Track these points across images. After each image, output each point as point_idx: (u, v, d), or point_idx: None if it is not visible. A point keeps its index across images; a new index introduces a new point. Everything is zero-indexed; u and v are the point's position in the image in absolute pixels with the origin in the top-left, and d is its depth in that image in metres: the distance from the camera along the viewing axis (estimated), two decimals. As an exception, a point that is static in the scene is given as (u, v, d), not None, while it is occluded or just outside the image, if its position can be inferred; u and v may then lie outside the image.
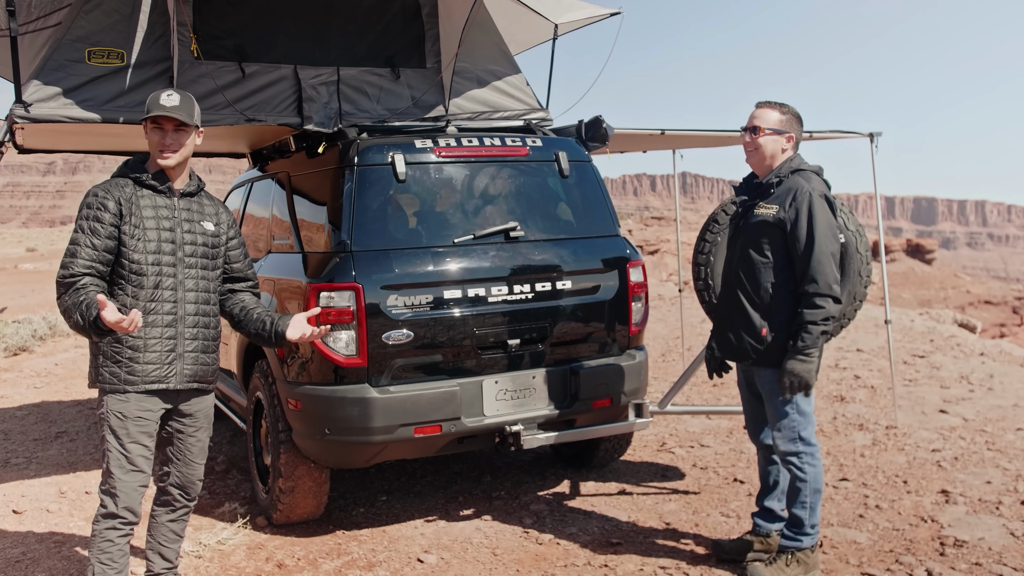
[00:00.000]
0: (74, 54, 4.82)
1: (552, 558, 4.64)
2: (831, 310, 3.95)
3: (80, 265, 3.45)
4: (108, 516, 3.59)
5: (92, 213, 3.51)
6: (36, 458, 6.80)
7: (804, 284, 3.98)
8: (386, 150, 4.89)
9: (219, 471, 6.30)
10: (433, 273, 4.78)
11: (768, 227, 4.07)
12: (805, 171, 4.12)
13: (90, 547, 3.64)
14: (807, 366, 3.96)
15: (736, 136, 6.46)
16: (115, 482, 3.57)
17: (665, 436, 6.88)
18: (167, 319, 3.61)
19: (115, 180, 3.64)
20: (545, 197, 5.30)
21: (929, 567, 4.30)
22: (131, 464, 3.58)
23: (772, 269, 4.09)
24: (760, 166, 4.22)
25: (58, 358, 11.62)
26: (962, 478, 5.60)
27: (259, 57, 5.33)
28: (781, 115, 4.17)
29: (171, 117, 3.54)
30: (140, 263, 3.55)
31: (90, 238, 3.48)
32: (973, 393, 7.95)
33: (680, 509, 5.28)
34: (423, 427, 4.70)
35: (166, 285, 3.61)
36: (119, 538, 3.62)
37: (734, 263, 4.27)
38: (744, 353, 4.21)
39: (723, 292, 4.41)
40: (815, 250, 3.94)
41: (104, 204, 3.51)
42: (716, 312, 4.47)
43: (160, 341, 3.59)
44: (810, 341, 3.94)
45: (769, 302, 4.10)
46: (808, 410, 4.11)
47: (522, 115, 5.99)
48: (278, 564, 4.65)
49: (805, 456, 4.09)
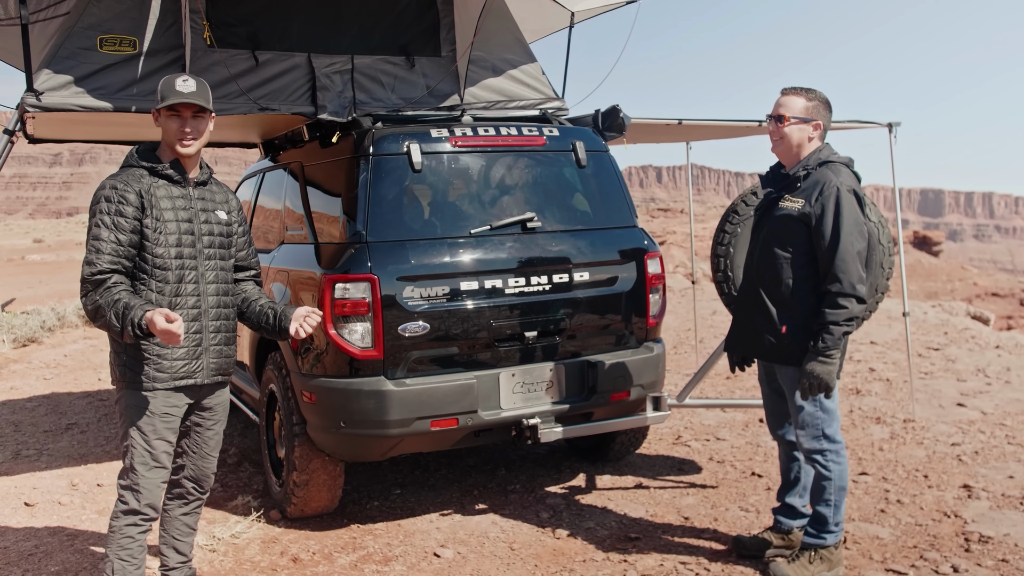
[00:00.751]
0: (85, 42, 4.75)
1: (570, 553, 4.58)
2: (854, 310, 3.83)
3: (106, 261, 3.32)
4: (129, 512, 3.52)
5: (113, 207, 3.37)
6: (47, 450, 6.77)
7: (827, 283, 3.85)
8: (402, 139, 4.82)
9: (231, 464, 6.25)
10: (449, 264, 4.71)
11: (792, 221, 3.96)
12: (834, 163, 3.98)
13: (108, 543, 3.57)
14: (828, 368, 3.83)
15: (752, 127, 6.38)
16: (138, 478, 3.49)
17: (680, 429, 6.81)
18: (192, 313, 3.53)
19: (130, 171, 3.49)
20: (562, 187, 5.23)
21: (955, 563, 4.23)
22: (155, 461, 3.51)
23: (794, 265, 3.97)
24: (787, 156, 4.10)
25: (67, 349, 11.59)
26: (983, 472, 5.53)
27: (272, 45, 5.25)
28: (807, 102, 4.05)
29: (190, 103, 3.44)
30: (163, 257, 3.45)
31: (114, 232, 3.35)
32: (991, 386, 7.86)
33: (698, 503, 5.22)
34: (440, 420, 4.64)
35: (189, 279, 3.52)
36: (139, 534, 3.57)
37: (756, 257, 4.17)
38: (764, 350, 4.12)
39: (743, 286, 4.31)
40: (840, 248, 3.82)
41: (125, 197, 3.38)
42: (736, 306, 4.38)
43: (187, 336, 3.50)
44: (831, 342, 3.82)
45: (790, 298, 3.99)
46: (832, 407, 4.02)
47: (538, 104, 5.92)
48: (293, 558, 4.60)
49: (830, 453, 4.01)
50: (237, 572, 4.46)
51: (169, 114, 3.47)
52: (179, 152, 3.50)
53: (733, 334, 4.38)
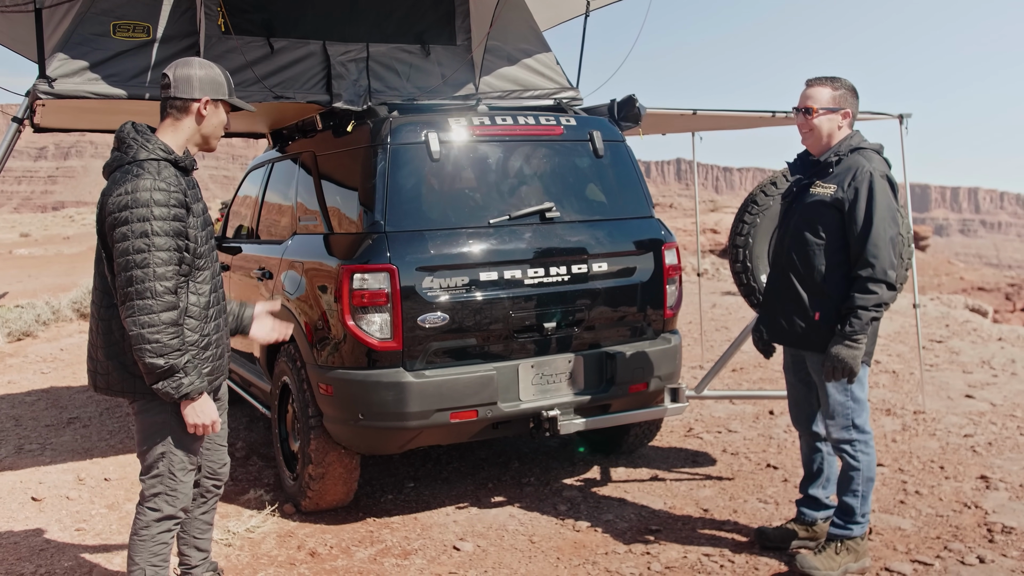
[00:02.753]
0: (99, 28, 4.67)
1: (592, 545, 4.54)
2: (884, 296, 3.80)
3: (172, 275, 3.09)
4: (164, 519, 3.38)
5: (171, 212, 3.09)
6: (50, 444, 6.68)
7: (858, 267, 3.82)
8: (420, 128, 4.76)
9: (239, 458, 6.18)
10: (469, 255, 4.65)
11: (825, 207, 3.92)
12: (866, 150, 3.95)
13: (137, 551, 3.38)
14: (854, 352, 3.81)
15: (766, 117, 6.35)
16: (177, 484, 3.36)
17: (691, 422, 6.78)
18: (218, 310, 3.42)
19: (158, 165, 3.16)
20: (580, 177, 5.18)
21: (980, 554, 4.21)
22: (192, 464, 3.42)
23: (827, 251, 3.93)
24: (816, 147, 4.05)
25: (63, 343, 11.47)
26: (999, 463, 5.52)
27: (287, 32, 5.18)
28: (833, 91, 4.01)
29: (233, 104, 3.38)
30: (204, 256, 3.30)
31: (174, 240, 3.10)
32: (997, 378, 7.87)
33: (716, 495, 5.19)
34: (459, 412, 4.58)
35: (215, 273, 3.42)
36: (171, 539, 3.46)
37: (786, 244, 4.12)
38: (795, 337, 4.09)
39: (772, 274, 4.27)
40: (872, 233, 3.79)
41: (177, 199, 3.12)
42: (765, 294, 4.34)
43: (219, 335, 3.41)
44: (859, 327, 3.79)
45: (822, 285, 3.95)
46: (862, 396, 4.00)
47: (552, 94, 5.87)
48: (311, 552, 4.55)
49: (859, 444, 3.98)
50: (255, 567, 4.41)
51: (225, 107, 3.37)
52: (212, 146, 3.40)
53: (763, 321, 4.34)
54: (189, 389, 3.14)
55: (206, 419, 3.22)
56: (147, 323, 3.04)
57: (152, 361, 3.06)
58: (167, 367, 3.07)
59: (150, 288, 3.04)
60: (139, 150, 3.18)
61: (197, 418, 3.21)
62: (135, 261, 3.04)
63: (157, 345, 3.05)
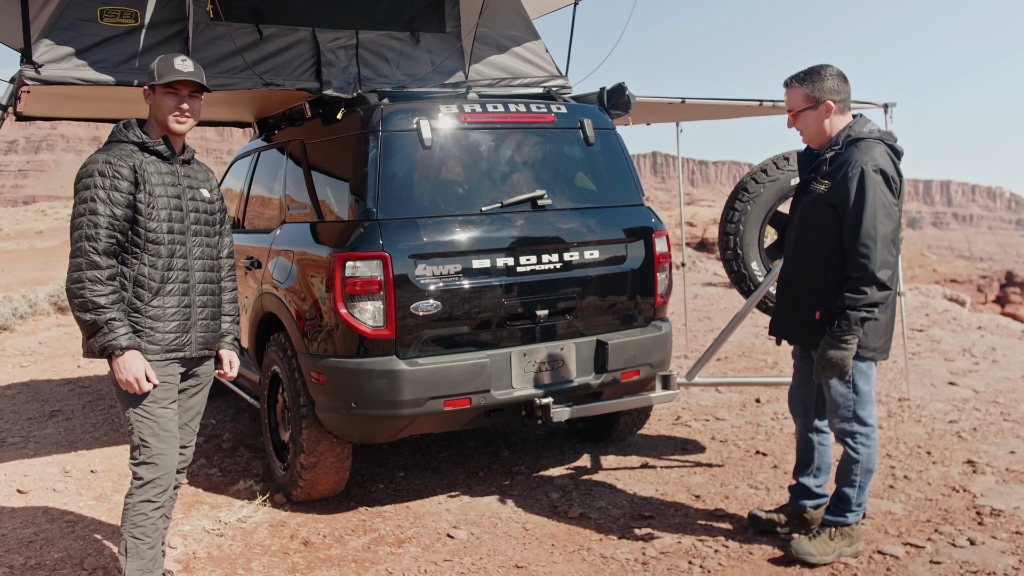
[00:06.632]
0: (85, 13, 4.60)
1: (586, 532, 4.55)
2: (875, 296, 3.67)
3: (104, 236, 3.31)
4: (144, 486, 3.49)
5: (108, 181, 3.34)
6: (33, 437, 6.60)
7: (848, 266, 3.74)
8: (411, 115, 4.73)
9: (227, 448, 6.14)
10: (461, 242, 4.64)
11: (820, 205, 3.86)
12: (865, 140, 3.82)
13: (123, 520, 3.53)
14: (843, 353, 3.74)
15: (753, 106, 6.37)
16: (151, 450, 3.48)
17: (679, 410, 6.81)
18: (181, 288, 3.56)
19: (121, 146, 3.46)
20: (571, 165, 5.17)
21: (971, 536, 4.26)
22: (163, 429, 3.50)
23: (826, 250, 3.86)
24: (816, 141, 4.00)
25: (41, 337, 11.33)
26: (984, 448, 5.59)
27: (276, 19, 5.12)
28: (807, 87, 3.93)
29: (189, 81, 3.47)
30: (157, 232, 3.46)
31: (110, 207, 3.33)
32: (978, 366, 7.97)
33: (707, 482, 5.22)
34: (453, 400, 4.57)
35: (179, 253, 3.55)
36: (152, 511, 3.51)
37: (791, 242, 4.09)
38: (799, 335, 4.09)
39: (783, 269, 4.22)
40: (861, 231, 3.67)
41: (119, 171, 3.36)
42: (777, 289, 4.31)
43: (178, 310, 3.54)
44: (847, 328, 3.70)
45: (824, 284, 3.89)
46: (866, 389, 3.95)
47: (541, 82, 5.85)
48: (304, 541, 4.52)
49: (860, 436, 3.97)
50: (248, 556, 4.38)
51: (166, 91, 3.48)
52: (172, 129, 3.52)
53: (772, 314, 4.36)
54: (107, 343, 3.30)
55: (129, 375, 3.34)
56: (75, 279, 3.31)
57: (78, 315, 3.32)
58: (90, 321, 3.30)
59: (80, 247, 3.31)
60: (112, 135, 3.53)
61: (121, 373, 3.34)
62: (75, 224, 3.35)
63: (80, 300, 3.29)
